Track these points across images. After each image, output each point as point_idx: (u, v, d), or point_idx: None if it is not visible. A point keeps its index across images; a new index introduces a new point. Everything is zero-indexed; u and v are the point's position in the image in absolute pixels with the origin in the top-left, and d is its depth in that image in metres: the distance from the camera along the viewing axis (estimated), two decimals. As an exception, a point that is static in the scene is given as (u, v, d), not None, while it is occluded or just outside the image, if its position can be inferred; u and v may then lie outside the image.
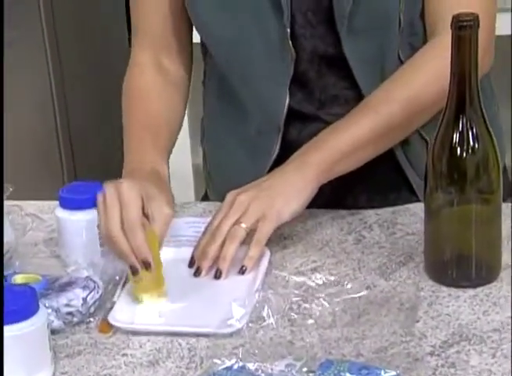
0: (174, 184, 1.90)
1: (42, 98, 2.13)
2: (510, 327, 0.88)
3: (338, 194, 1.15)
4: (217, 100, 1.20)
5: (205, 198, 1.30)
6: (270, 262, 1.02)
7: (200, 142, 1.28)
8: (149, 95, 1.16)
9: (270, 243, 1.04)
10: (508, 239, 1.02)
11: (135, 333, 0.90)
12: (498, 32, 1.11)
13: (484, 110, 0.92)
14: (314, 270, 1.00)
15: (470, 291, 0.94)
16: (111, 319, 0.90)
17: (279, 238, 1.07)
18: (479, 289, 0.94)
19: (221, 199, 1.04)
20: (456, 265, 0.96)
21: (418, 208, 1.10)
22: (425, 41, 1.09)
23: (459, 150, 0.92)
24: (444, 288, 0.95)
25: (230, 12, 1.09)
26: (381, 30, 1.08)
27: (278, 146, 1.13)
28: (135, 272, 0.93)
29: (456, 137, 0.92)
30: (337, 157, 1.03)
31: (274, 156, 1.13)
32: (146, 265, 0.93)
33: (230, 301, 0.90)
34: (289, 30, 1.07)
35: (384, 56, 1.09)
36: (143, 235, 0.93)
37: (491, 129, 0.93)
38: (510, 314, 0.90)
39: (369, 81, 1.09)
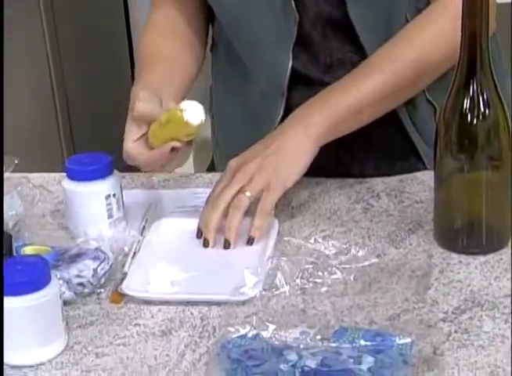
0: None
1: (40, 74, 2.13)
2: (521, 292, 0.88)
3: (344, 163, 1.15)
4: (223, 66, 1.20)
5: (211, 169, 1.29)
6: (279, 232, 1.02)
7: (209, 110, 1.28)
8: (163, 57, 1.14)
9: (278, 212, 1.05)
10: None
11: (147, 302, 0.90)
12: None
13: (494, 75, 0.92)
14: (324, 239, 1.00)
15: (481, 258, 0.95)
16: (125, 288, 0.90)
17: (287, 207, 1.07)
18: (490, 255, 0.95)
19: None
20: (467, 232, 0.97)
21: (426, 176, 1.10)
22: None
23: (469, 116, 0.92)
24: (454, 255, 0.96)
25: None
26: None
27: (282, 111, 1.12)
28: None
29: (466, 103, 0.92)
30: (340, 117, 1.02)
31: (278, 120, 1.13)
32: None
33: (242, 269, 0.90)
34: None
35: (390, 20, 1.08)
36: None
37: (501, 94, 0.93)
38: (521, 280, 0.90)
39: (375, 45, 1.08)
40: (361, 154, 1.15)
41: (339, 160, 1.14)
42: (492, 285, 0.90)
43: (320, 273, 0.92)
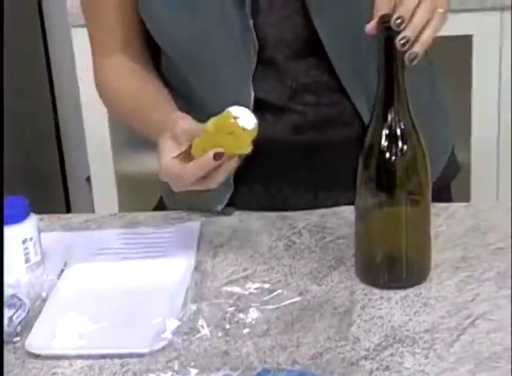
0: (96, 195, 1.88)
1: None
2: (441, 326, 0.90)
3: (269, 197, 1.15)
4: (179, 106, 1.13)
5: (160, 208, 1.26)
6: (201, 272, 1.01)
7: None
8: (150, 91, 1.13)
9: (200, 253, 1.05)
10: (436, 238, 1.05)
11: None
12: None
13: (411, 112, 0.94)
14: (246, 278, 1.00)
15: (402, 293, 0.96)
16: (27, 345, 0.88)
17: (209, 247, 1.07)
18: (410, 290, 0.96)
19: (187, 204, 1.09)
20: (387, 267, 0.98)
21: (347, 211, 1.12)
22: None
23: (386, 151, 0.94)
24: (376, 291, 0.97)
25: (190, 10, 1.05)
26: (352, 2, 1.05)
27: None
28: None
29: (383, 138, 0.93)
30: None
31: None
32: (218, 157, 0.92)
33: (158, 316, 0.89)
34: (252, 21, 1.04)
35: (358, 30, 1.03)
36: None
37: (418, 128, 0.94)
38: (441, 314, 0.92)
39: (344, 66, 1.07)
40: (284, 187, 1.15)
41: (265, 194, 1.14)
42: (412, 320, 0.91)
43: (242, 315, 0.92)
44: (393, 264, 0.98)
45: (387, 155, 0.94)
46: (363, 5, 1.00)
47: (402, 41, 0.89)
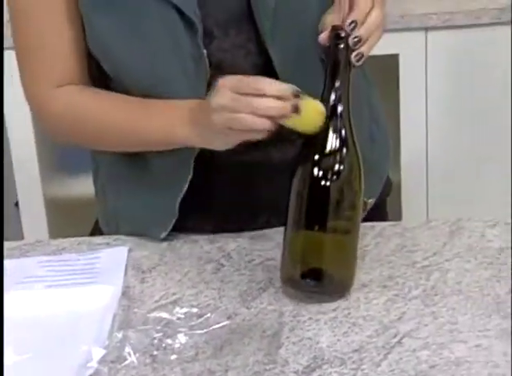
0: (24, 219, 1.85)
1: None
2: (368, 346, 0.91)
3: (211, 219, 1.15)
4: None
5: (96, 233, 1.24)
6: (129, 298, 1.01)
7: (94, 182, 1.23)
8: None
9: (127, 278, 1.04)
10: (364, 258, 1.06)
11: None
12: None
13: (353, 131, 0.96)
14: (174, 303, 1.00)
15: (330, 313, 0.97)
16: None
17: (137, 272, 1.06)
18: (338, 310, 0.97)
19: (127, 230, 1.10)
20: (311, 279, 0.98)
21: (276, 233, 1.12)
22: None
23: (316, 181, 0.95)
24: (304, 312, 0.97)
25: (141, 37, 1.03)
26: (304, 28, 1.05)
27: (191, 172, 1.09)
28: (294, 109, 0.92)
29: (314, 165, 0.95)
30: None
31: (188, 180, 1.09)
32: (295, 94, 0.92)
33: (86, 344, 0.88)
34: (205, 51, 1.04)
35: (311, 57, 1.06)
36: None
37: (358, 148, 0.97)
38: (368, 333, 0.93)
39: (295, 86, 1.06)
40: (217, 210, 1.16)
41: (198, 216, 1.14)
42: (341, 340, 0.92)
43: (170, 340, 0.91)
44: (317, 277, 0.98)
45: (315, 185, 0.95)
46: (315, 33, 1.02)
47: (355, 40, 0.95)
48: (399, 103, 2.07)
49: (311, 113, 0.94)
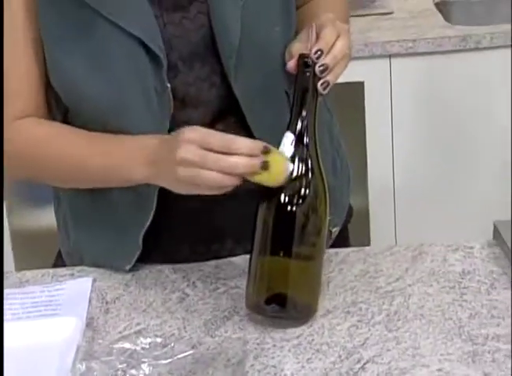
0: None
1: None
2: (332, 372, 0.92)
3: (175, 250, 1.16)
4: None
5: (59, 262, 1.24)
6: (93, 329, 1.01)
7: (55, 214, 1.23)
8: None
9: (91, 309, 1.04)
10: (328, 284, 1.07)
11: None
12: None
13: (320, 162, 0.98)
14: (139, 333, 1.00)
15: (294, 340, 0.98)
16: None
17: (101, 303, 1.06)
18: (302, 337, 0.98)
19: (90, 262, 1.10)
20: (275, 304, 0.99)
21: (240, 261, 1.13)
22: None
23: (282, 207, 0.96)
24: (268, 340, 0.98)
25: (103, 69, 1.04)
26: (268, 62, 1.08)
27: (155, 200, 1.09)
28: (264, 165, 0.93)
29: (280, 192, 0.96)
30: None
31: (152, 212, 1.10)
32: (266, 150, 0.93)
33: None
34: (169, 85, 1.04)
35: (274, 89, 1.08)
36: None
37: (324, 175, 0.99)
38: (332, 359, 0.94)
39: (259, 122, 1.08)
40: (177, 239, 1.16)
41: (155, 245, 1.15)
42: (305, 367, 0.93)
43: (134, 371, 0.91)
44: (281, 303, 0.99)
45: (288, 206, 0.96)
46: (279, 65, 1.06)
47: (321, 68, 0.98)
48: (365, 130, 2.10)
49: (279, 169, 0.95)
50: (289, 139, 0.97)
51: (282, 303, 0.99)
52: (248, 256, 1.00)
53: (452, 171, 2.15)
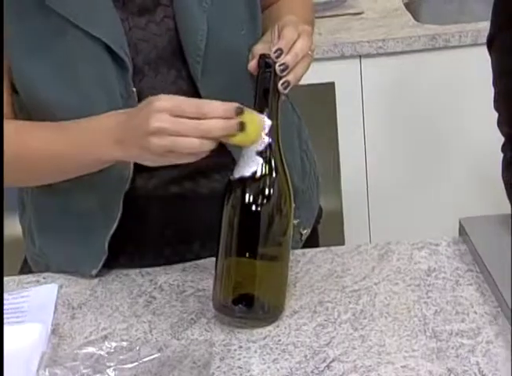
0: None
1: None
2: (298, 372, 0.93)
3: (144, 253, 1.16)
4: None
5: (25, 269, 1.24)
6: (59, 335, 1.01)
7: (20, 220, 1.23)
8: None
9: (57, 315, 1.04)
10: (295, 284, 1.08)
11: None
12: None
13: (283, 159, 0.98)
14: (104, 338, 1.00)
15: (260, 341, 0.99)
16: None
17: (67, 309, 1.07)
18: (269, 338, 0.99)
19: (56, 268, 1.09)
20: (242, 304, 1.00)
21: (208, 263, 1.14)
22: None
23: (246, 207, 0.97)
24: (235, 341, 0.99)
25: (68, 76, 1.04)
26: (235, 66, 1.08)
27: (121, 207, 1.10)
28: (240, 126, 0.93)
29: (248, 189, 0.97)
30: None
31: (118, 217, 1.10)
32: (239, 111, 0.93)
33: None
34: (134, 89, 1.05)
35: (241, 93, 1.07)
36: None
37: (288, 175, 0.99)
38: (298, 359, 0.95)
39: None
40: (144, 242, 1.17)
41: (121, 252, 1.15)
42: (271, 368, 0.94)
43: None
44: (248, 303, 1.00)
45: (252, 205, 0.97)
46: (244, 69, 1.05)
47: (281, 67, 0.98)
48: (337, 131, 2.11)
49: (255, 128, 0.96)
50: None
51: (249, 303, 1.00)
52: (215, 258, 1.01)
53: (424, 170, 2.16)
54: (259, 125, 0.96)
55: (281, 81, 0.99)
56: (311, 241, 1.27)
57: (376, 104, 2.11)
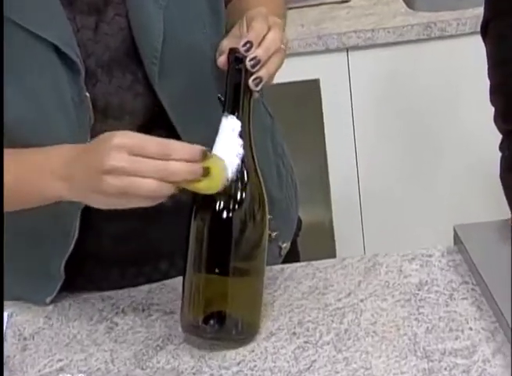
0: None
1: None
2: (275, 400, 0.94)
3: (85, 274, 1.17)
4: None
5: None
6: (8, 369, 1.02)
7: None
8: None
9: (7, 347, 1.05)
10: (273, 304, 1.09)
11: None
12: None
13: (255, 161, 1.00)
14: (60, 370, 1.01)
15: (234, 367, 0.99)
16: None
17: (18, 339, 1.07)
18: (243, 363, 1.00)
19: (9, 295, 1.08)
20: (212, 323, 1.01)
21: (175, 283, 1.15)
22: None
23: (216, 217, 0.98)
24: (206, 368, 1.00)
25: (20, 82, 1.04)
26: (196, 66, 1.10)
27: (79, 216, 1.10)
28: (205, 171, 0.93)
29: (215, 202, 0.98)
30: None
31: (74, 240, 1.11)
32: (204, 155, 0.93)
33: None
34: (88, 94, 1.05)
35: (202, 95, 1.10)
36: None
37: (261, 180, 1.00)
38: (276, 387, 0.96)
39: (189, 132, 1.09)
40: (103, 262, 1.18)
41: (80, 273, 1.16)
42: (245, 397, 0.95)
43: (52, 411, 0.93)
44: (220, 321, 1.01)
45: (222, 213, 0.98)
46: (209, 69, 1.08)
47: (252, 62, 1.00)
48: (324, 132, 2.13)
49: (218, 175, 0.96)
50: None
51: (221, 321, 1.01)
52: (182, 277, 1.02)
53: (420, 172, 2.18)
54: (223, 172, 0.97)
55: (252, 77, 1.00)
56: (291, 256, 1.28)
57: (367, 102, 2.12)
